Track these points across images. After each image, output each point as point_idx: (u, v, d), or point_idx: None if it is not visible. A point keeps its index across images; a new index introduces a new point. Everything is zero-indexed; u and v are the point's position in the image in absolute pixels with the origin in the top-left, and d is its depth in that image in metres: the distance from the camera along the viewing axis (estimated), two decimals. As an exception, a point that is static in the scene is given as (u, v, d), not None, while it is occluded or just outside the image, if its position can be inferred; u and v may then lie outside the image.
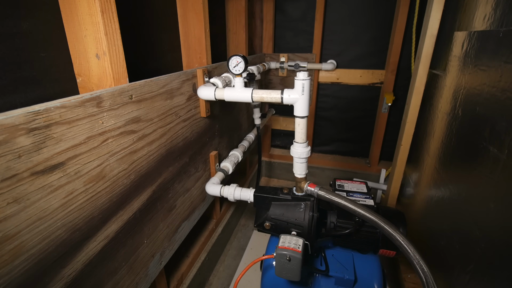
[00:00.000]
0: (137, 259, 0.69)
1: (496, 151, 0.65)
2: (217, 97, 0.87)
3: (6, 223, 0.39)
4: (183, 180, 0.88)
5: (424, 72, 1.15)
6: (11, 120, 0.38)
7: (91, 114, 0.51)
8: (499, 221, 0.62)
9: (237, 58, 0.85)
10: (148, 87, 0.67)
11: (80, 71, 0.61)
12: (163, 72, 0.77)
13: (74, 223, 0.49)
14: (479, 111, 0.76)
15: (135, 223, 0.66)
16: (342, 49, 1.78)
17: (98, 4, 0.54)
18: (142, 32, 0.86)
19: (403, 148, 1.30)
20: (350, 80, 1.82)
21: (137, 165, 0.65)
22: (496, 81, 0.68)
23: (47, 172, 0.44)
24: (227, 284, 1.23)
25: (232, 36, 1.48)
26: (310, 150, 0.80)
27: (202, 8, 0.94)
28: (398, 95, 1.72)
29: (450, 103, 0.97)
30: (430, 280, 0.53)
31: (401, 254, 0.59)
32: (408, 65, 1.59)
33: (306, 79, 0.74)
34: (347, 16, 1.71)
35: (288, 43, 1.88)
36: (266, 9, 1.78)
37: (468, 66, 0.86)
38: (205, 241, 1.22)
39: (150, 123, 0.69)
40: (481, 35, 0.80)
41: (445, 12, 1.06)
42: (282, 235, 0.76)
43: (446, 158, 0.96)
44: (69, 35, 0.58)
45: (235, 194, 0.97)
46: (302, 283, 0.84)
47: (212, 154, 1.06)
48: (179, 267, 1.06)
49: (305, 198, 0.80)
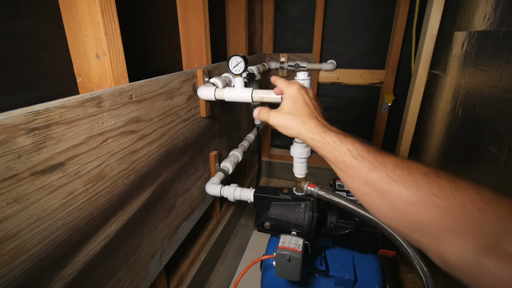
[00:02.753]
0: (137, 259, 0.69)
1: (496, 151, 0.65)
2: (217, 97, 0.87)
3: (6, 223, 0.39)
4: (183, 180, 0.88)
5: (424, 72, 1.15)
6: (11, 120, 0.38)
7: (91, 114, 0.51)
8: (499, 221, 0.62)
9: (237, 58, 0.85)
10: (148, 87, 0.67)
11: (80, 71, 0.61)
12: (163, 72, 0.77)
13: (74, 223, 0.49)
14: (479, 111, 0.76)
15: (135, 223, 0.66)
16: (342, 49, 1.78)
17: (98, 4, 0.54)
18: (142, 32, 0.86)
19: (403, 148, 1.30)
20: (350, 80, 1.82)
21: (137, 165, 0.65)
22: (496, 81, 0.68)
23: (47, 172, 0.44)
24: (227, 284, 1.23)
25: (232, 36, 1.48)
26: (310, 150, 0.80)
27: (202, 8, 0.94)
28: (398, 95, 1.72)
29: (450, 103, 0.97)
30: (430, 280, 0.53)
31: (401, 254, 0.59)
32: (408, 65, 1.59)
33: (306, 79, 0.74)
34: (347, 16, 1.71)
35: (288, 43, 1.88)
36: (266, 9, 1.78)
37: (468, 66, 0.86)
38: (205, 241, 1.22)
39: (150, 123, 0.69)
40: (481, 35, 0.80)
41: (445, 12, 1.06)
42: (282, 235, 0.76)
43: (446, 158, 0.96)
44: (69, 35, 0.58)
45: (235, 194, 0.97)
46: (302, 283, 0.84)
47: (212, 154, 1.06)
48: (179, 267, 1.06)
49: (305, 198, 0.80)
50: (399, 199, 0.34)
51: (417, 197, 0.32)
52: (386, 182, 0.35)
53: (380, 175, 0.36)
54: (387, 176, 0.35)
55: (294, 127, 0.50)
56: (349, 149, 0.41)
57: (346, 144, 0.42)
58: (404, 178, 0.34)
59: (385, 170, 0.36)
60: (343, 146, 0.42)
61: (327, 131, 0.45)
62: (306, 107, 0.50)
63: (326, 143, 0.44)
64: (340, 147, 0.42)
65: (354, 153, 0.40)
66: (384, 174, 0.36)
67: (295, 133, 0.50)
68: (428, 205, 0.32)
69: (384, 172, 0.36)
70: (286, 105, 0.52)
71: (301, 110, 0.50)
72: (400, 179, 0.34)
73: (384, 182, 0.35)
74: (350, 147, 0.41)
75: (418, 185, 0.33)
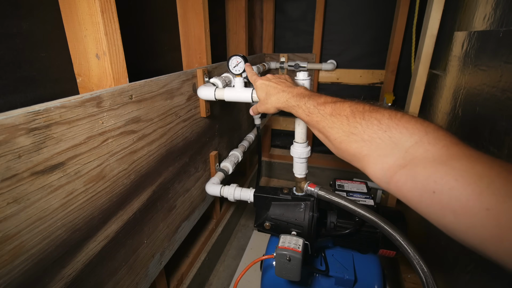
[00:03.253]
0: (137, 259, 0.69)
1: (496, 151, 0.65)
2: (217, 97, 0.87)
3: (6, 223, 0.39)
4: (183, 180, 0.88)
5: (424, 72, 1.15)
6: (11, 120, 0.38)
7: (91, 114, 0.51)
8: (499, 221, 0.61)
9: (237, 58, 0.85)
10: (148, 87, 0.67)
11: (80, 71, 0.61)
12: (163, 72, 0.77)
13: (74, 223, 0.49)
14: (479, 111, 0.76)
15: (135, 223, 0.66)
16: (342, 49, 1.78)
17: (98, 4, 0.54)
18: (142, 32, 0.86)
19: (403, 148, 1.29)
20: (350, 80, 1.82)
21: (137, 165, 0.65)
22: (496, 81, 0.68)
23: (47, 172, 0.44)
24: (227, 284, 1.23)
25: (232, 36, 1.48)
26: (310, 150, 0.80)
27: (202, 8, 0.94)
28: (398, 95, 1.72)
29: (450, 103, 0.97)
30: (430, 280, 0.53)
31: (401, 254, 0.59)
32: (408, 65, 1.59)
33: (306, 79, 0.74)
34: (347, 16, 1.71)
35: (288, 43, 1.88)
36: (266, 9, 1.78)
37: (468, 66, 0.86)
38: (205, 241, 1.22)
39: (150, 123, 0.69)
40: (481, 35, 0.80)
41: (445, 12, 1.06)
42: (282, 235, 0.76)
43: (446, 158, 0.96)
44: (69, 35, 0.58)
45: (235, 194, 0.97)
46: (302, 283, 0.84)
47: (212, 154, 1.06)
48: (179, 267, 1.06)
49: (305, 198, 0.80)
50: (335, 140, 0.44)
51: (342, 137, 0.43)
52: (329, 128, 0.46)
53: (324, 124, 0.47)
54: (329, 123, 0.46)
55: (278, 101, 0.60)
56: (314, 105, 0.50)
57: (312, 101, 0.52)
58: (342, 124, 0.44)
59: (327, 118, 0.46)
60: (310, 102, 0.51)
61: (305, 99, 0.54)
62: (273, 89, 0.62)
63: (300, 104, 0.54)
64: (308, 103, 0.52)
65: (318, 107, 0.49)
66: (325, 123, 0.47)
67: (282, 105, 0.60)
68: (350, 142, 0.42)
69: (325, 121, 0.47)
70: (261, 96, 0.65)
71: (275, 90, 0.61)
72: (336, 125, 0.45)
73: (328, 128, 0.46)
74: (314, 103, 0.50)
75: (346, 127, 0.43)
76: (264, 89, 0.64)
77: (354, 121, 0.41)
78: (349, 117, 0.42)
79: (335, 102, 0.47)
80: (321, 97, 0.51)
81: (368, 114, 0.40)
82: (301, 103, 0.53)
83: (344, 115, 0.43)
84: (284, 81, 0.64)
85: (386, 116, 0.38)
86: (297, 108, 0.54)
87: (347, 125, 0.42)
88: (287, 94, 0.57)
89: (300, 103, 0.53)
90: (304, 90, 0.57)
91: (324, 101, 0.48)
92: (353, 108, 0.43)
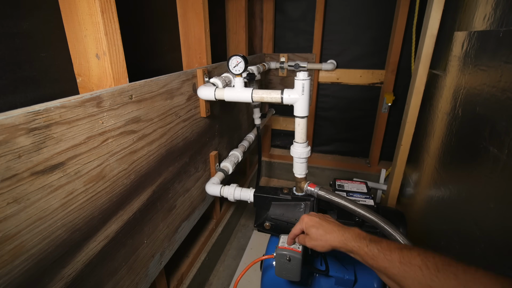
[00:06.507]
0: (137, 259, 0.69)
1: (496, 151, 0.65)
2: (217, 97, 0.87)
3: (6, 223, 0.39)
4: (183, 180, 0.88)
5: (424, 72, 1.15)
6: (11, 120, 0.38)
7: (91, 114, 0.51)
8: (499, 221, 0.62)
9: (237, 58, 0.85)
10: (148, 87, 0.67)
11: (80, 71, 0.61)
12: (163, 72, 0.77)
13: (74, 223, 0.49)
14: (479, 111, 0.76)
15: (135, 223, 0.66)
16: (342, 49, 1.78)
17: (98, 4, 0.54)
18: (142, 32, 0.86)
19: (403, 148, 1.30)
20: (350, 80, 1.82)
21: (137, 165, 0.65)
22: (496, 81, 0.68)
23: (47, 172, 0.44)
24: (227, 284, 1.23)
25: (232, 36, 1.48)
26: (310, 150, 0.80)
27: (202, 8, 0.94)
28: (398, 95, 1.72)
29: (450, 103, 0.97)
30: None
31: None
32: (408, 65, 1.59)
33: (306, 79, 0.74)
34: (347, 16, 1.71)
35: (288, 43, 1.88)
36: (266, 9, 1.78)
37: (468, 66, 0.86)
38: (205, 241, 1.22)
39: (150, 123, 0.69)
40: (481, 35, 0.80)
41: (445, 12, 1.06)
42: (282, 235, 0.76)
43: (446, 158, 0.96)
44: (69, 35, 0.58)
45: (235, 194, 0.97)
46: (302, 283, 0.84)
47: (212, 154, 1.06)
48: (179, 267, 1.06)
49: (305, 198, 0.80)
50: None
51: None
52: (402, 278, 0.44)
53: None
54: (401, 272, 0.44)
55: (334, 239, 0.57)
56: (378, 249, 0.49)
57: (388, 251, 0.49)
58: None
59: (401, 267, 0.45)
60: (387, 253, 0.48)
61: (366, 241, 0.52)
62: (331, 226, 0.60)
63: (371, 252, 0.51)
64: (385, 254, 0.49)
65: (384, 252, 0.48)
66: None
67: (339, 244, 0.57)
68: None
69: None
70: (314, 233, 0.61)
71: (329, 228, 0.59)
72: (409, 275, 0.43)
73: (401, 278, 0.44)
74: (378, 247, 0.49)
75: (421, 278, 0.42)
76: (317, 226, 0.61)
77: (429, 272, 0.41)
78: (422, 268, 0.41)
79: (401, 248, 0.46)
80: (382, 241, 0.50)
81: (441, 266, 0.40)
82: (362, 245, 0.51)
83: (416, 265, 0.42)
84: (333, 221, 0.62)
85: (461, 270, 0.38)
86: (358, 249, 0.52)
87: (422, 276, 0.41)
88: (347, 234, 0.55)
89: (361, 245, 0.51)
90: (360, 231, 0.55)
91: (388, 246, 0.48)
92: (422, 257, 0.43)
